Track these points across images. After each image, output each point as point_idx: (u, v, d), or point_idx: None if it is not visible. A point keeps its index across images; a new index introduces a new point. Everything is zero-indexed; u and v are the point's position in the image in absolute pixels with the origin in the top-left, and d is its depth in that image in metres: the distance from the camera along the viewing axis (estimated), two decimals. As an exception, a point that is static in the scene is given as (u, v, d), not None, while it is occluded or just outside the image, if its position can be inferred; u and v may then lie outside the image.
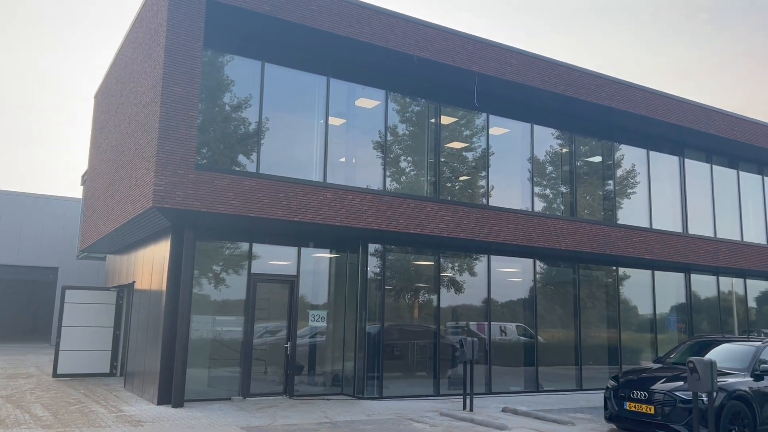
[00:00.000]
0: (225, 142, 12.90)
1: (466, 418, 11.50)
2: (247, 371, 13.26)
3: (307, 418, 11.16)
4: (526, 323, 16.41)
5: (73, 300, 17.16)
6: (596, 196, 17.88)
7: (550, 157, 17.15)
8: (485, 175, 15.75)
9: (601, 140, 18.03)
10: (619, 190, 18.13)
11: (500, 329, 16.06)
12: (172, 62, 11.43)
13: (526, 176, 16.49)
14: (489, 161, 15.83)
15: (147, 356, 13.46)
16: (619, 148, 18.30)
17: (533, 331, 16.27)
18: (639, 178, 18.60)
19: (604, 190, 17.92)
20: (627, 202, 18.15)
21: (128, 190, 12.97)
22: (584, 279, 17.47)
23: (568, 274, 17.27)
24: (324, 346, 14.49)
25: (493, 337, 15.68)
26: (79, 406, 11.97)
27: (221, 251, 13.63)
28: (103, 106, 17.81)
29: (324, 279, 14.79)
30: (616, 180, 18.10)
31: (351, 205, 13.16)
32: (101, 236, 15.81)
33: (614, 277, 17.88)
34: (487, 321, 15.66)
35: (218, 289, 13.52)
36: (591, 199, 17.80)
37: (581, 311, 17.10)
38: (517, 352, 16.19)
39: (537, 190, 16.56)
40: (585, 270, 17.50)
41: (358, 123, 14.58)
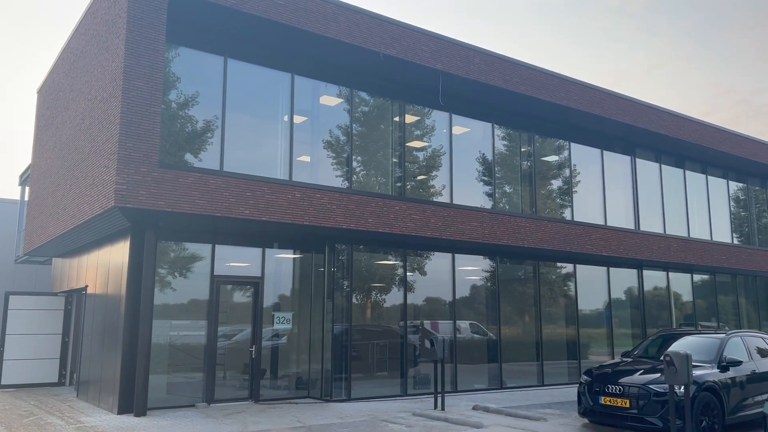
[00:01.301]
0: (184, 139, 12.40)
1: (440, 418, 11.44)
2: (211, 377, 12.80)
3: (279, 423, 10.85)
4: (489, 321, 16.53)
5: (18, 306, 16.20)
6: (555, 194, 18.19)
7: (510, 157, 17.35)
8: (448, 174, 15.76)
9: (558, 140, 18.36)
10: (576, 188, 18.50)
11: (455, 327, 16.11)
12: (133, 55, 10.89)
13: (488, 175, 16.61)
14: (452, 160, 15.85)
15: (103, 364, 12.81)
16: (575, 148, 18.68)
17: (485, 328, 16.40)
18: (594, 177, 19.05)
19: (562, 189, 18.26)
20: (584, 201, 18.54)
21: (84, 189, 12.30)
22: (544, 276, 17.76)
23: (528, 272, 17.51)
24: (288, 349, 14.17)
25: (450, 335, 15.71)
26: (32, 418, 11.26)
27: (182, 253, 13.11)
28: (49, 102, 16.88)
29: (289, 280, 14.47)
30: (573, 179, 18.46)
31: (319, 203, 12.91)
32: (50, 238, 14.96)
33: (573, 274, 18.23)
34: (453, 320, 15.68)
35: (178, 292, 12.99)
36: (550, 197, 18.10)
37: (542, 308, 17.37)
38: (479, 349, 16.28)
39: (498, 188, 16.71)
40: (545, 267, 17.79)
41: (323, 121, 14.34)
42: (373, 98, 15.01)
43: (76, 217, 12.71)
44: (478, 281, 16.58)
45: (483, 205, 16.24)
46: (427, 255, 15.59)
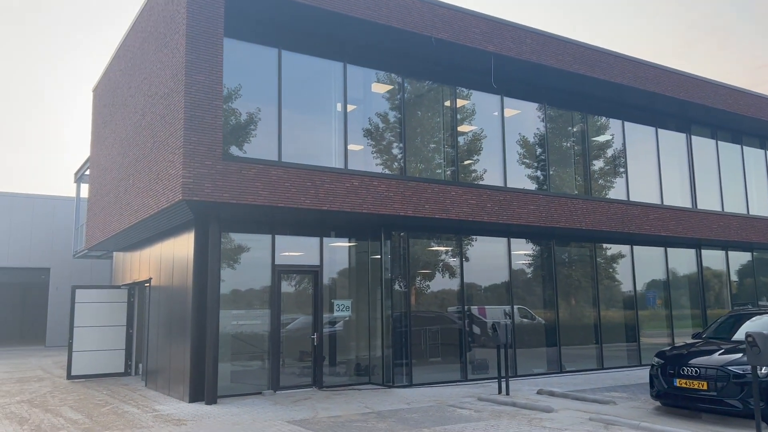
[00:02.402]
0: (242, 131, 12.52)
1: (507, 402, 11.41)
2: (276, 364, 13.02)
3: (347, 409, 10.97)
4: (546, 305, 16.37)
5: (84, 299, 16.71)
6: (609, 175, 17.84)
7: (562, 137, 17.07)
8: (501, 157, 15.59)
9: (611, 118, 17.97)
10: (631, 168, 18.09)
11: (504, 312, 15.98)
12: (193, 49, 11.04)
13: (540, 157, 16.38)
14: (505, 143, 15.67)
15: (171, 354, 13.14)
16: (629, 126, 18.25)
17: (533, 312, 16.22)
18: (649, 156, 18.60)
19: (616, 169, 17.89)
20: (639, 181, 18.13)
21: (149, 184, 12.57)
22: (601, 258, 17.47)
23: (585, 254, 17.25)
24: (346, 336, 14.29)
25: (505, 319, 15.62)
26: (109, 407, 11.64)
27: (244, 244, 13.31)
28: (106, 100, 17.26)
29: (347, 268, 14.58)
30: (628, 158, 18.06)
31: (377, 191, 12.92)
32: (113, 233, 15.37)
33: (630, 255, 17.89)
34: (511, 304, 15.58)
35: (240, 282, 13.20)
36: (604, 178, 17.75)
37: (599, 290, 17.11)
38: (534, 334, 16.14)
39: (551, 170, 16.46)
40: (602, 249, 17.50)
41: (375, 108, 14.30)
42: (424, 83, 14.91)
43: (141, 211, 13.01)
44: (533, 265, 16.41)
45: (536, 187, 16.03)
46: (482, 240, 15.48)
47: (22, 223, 31.90)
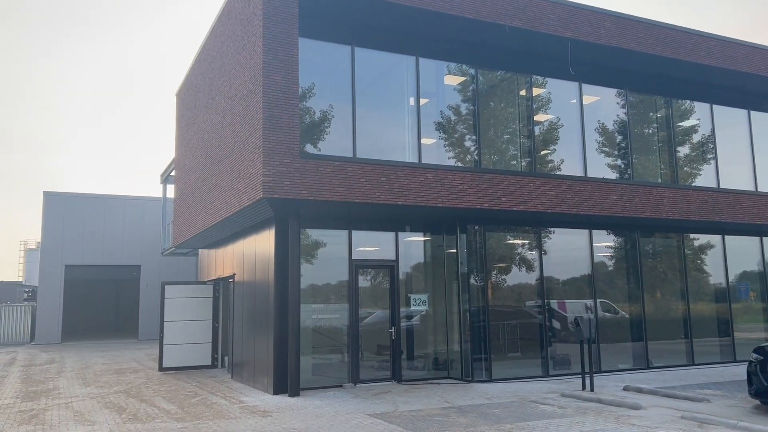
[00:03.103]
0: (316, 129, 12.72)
1: (592, 399, 11.08)
2: (356, 358, 13.19)
3: (427, 403, 10.98)
4: (631, 298, 15.76)
5: (173, 295, 17.51)
6: (696, 161, 16.95)
7: (645, 123, 16.35)
8: (580, 146, 15.11)
9: (698, 102, 17.05)
10: (720, 153, 17.11)
11: (585, 306, 15.46)
12: (270, 50, 11.31)
13: (622, 144, 15.76)
14: (584, 131, 15.18)
15: (255, 347, 13.56)
16: (717, 110, 17.26)
17: (616, 306, 15.60)
18: (740, 140, 17.54)
19: (704, 155, 16.97)
20: (729, 167, 17.13)
21: (231, 183, 13.01)
22: (689, 249, 16.64)
23: (672, 245, 16.49)
24: (422, 330, 14.28)
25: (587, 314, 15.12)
26: (198, 398, 12.16)
27: (321, 239, 13.54)
28: (188, 103, 17.99)
29: (422, 262, 14.57)
30: (717, 143, 17.09)
31: (451, 184, 12.83)
32: (198, 231, 16.02)
33: (722, 245, 16.95)
34: (594, 298, 15.11)
35: (318, 277, 13.44)
36: (690, 165, 16.88)
37: (688, 283, 16.30)
38: (618, 328, 15.57)
39: (634, 158, 15.81)
40: (690, 239, 16.66)
41: (448, 100, 14.18)
42: (497, 73, 14.66)
43: (224, 209, 13.48)
44: (615, 257, 15.83)
45: (618, 177, 15.45)
46: (561, 232, 15.08)
47: (114, 223, 33.82)
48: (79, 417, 10.32)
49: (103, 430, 9.21)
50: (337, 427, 9.02)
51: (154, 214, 33.80)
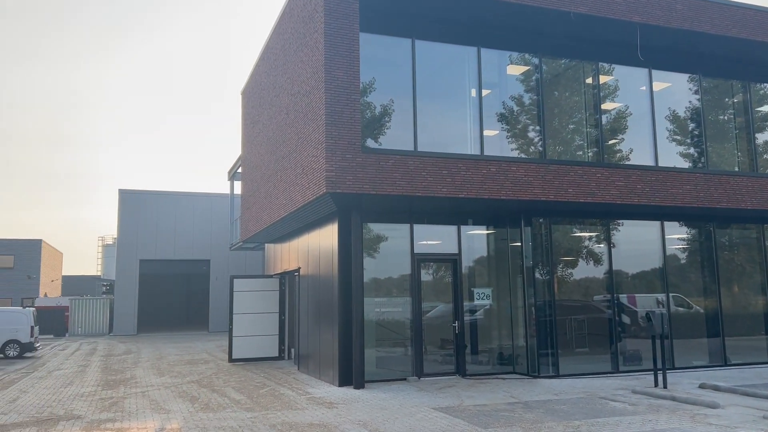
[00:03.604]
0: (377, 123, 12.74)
1: (666, 396, 10.68)
2: (419, 352, 13.20)
3: (493, 398, 10.87)
4: (706, 292, 15.07)
5: (241, 288, 18.01)
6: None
7: (720, 109, 15.56)
8: (650, 134, 14.53)
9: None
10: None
11: (657, 301, 14.87)
12: (331, 47, 11.42)
13: (695, 132, 15.06)
14: (654, 118, 14.59)
15: (321, 340, 13.78)
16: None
17: (689, 300, 14.91)
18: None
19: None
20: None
21: (295, 178, 13.24)
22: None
23: (750, 236, 15.66)
24: (486, 325, 14.12)
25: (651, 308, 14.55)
26: (267, 389, 12.47)
27: (383, 233, 13.60)
28: (253, 101, 18.41)
29: (485, 256, 14.40)
30: (801, 128, 16.08)
31: (515, 177, 12.61)
32: (264, 226, 16.39)
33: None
34: (666, 292, 14.54)
35: (380, 271, 13.50)
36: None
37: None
38: (691, 323, 14.92)
39: (708, 145, 15.08)
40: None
41: (510, 91, 13.92)
42: (561, 61, 14.28)
43: (289, 205, 13.74)
44: (689, 250, 15.18)
45: (691, 165, 14.78)
46: (630, 224, 14.58)
47: (185, 219, 35.09)
48: (155, 405, 10.77)
49: (177, 418, 9.58)
50: (402, 420, 9.06)
51: (222, 210, 34.86)
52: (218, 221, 35.24)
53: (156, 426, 8.97)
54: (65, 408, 10.57)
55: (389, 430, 8.42)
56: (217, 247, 35.01)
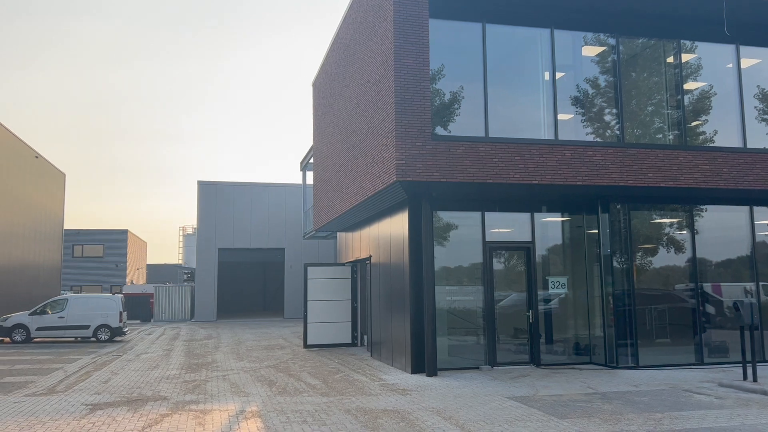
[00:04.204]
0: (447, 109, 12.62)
1: (756, 390, 10.13)
2: (492, 340, 13.08)
3: (569, 388, 10.64)
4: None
5: (315, 276, 18.37)
6: None
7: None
8: (738, 114, 13.71)
9: None
10: None
11: (744, 290, 14.03)
12: (401, 35, 11.39)
13: (790, 111, 14.07)
14: (742, 97, 13.75)
15: (393, 327, 13.88)
16: None
17: None
18: None
19: None
20: None
21: (365, 168, 13.34)
22: None
23: None
24: (561, 314, 13.80)
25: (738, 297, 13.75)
26: (341, 375, 12.71)
27: (454, 221, 13.51)
28: (324, 92, 18.65)
29: (559, 244, 14.05)
30: None
31: (591, 161, 12.22)
32: (336, 215, 16.62)
33: None
34: (756, 281, 13.76)
35: (451, 259, 13.42)
36: None
37: None
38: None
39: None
40: None
41: (586, 73, 13.45)
42: (639, 41, 13.66)
43: (360, 194, 13.87)
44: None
45: (785, 146, 13.85)
46: (715, 209, 13.84)
47: (260, 209, 36.13)
48: (235, 389, 11.19)
49: (256, 401, 9.92)
50: (475, 409, 9.02)
51: (295, 200, 35.66)
52: (292, 211, 36.08)
53: (236, 408, 9.33)
54: (152, 389, 11.14)
55: (463, 418, 8.41)
56: (291, 235, 35.88)
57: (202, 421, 8.45)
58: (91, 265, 50.48)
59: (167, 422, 8.36)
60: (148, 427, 8.10)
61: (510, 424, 8.07)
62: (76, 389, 11.20)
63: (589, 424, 8.00)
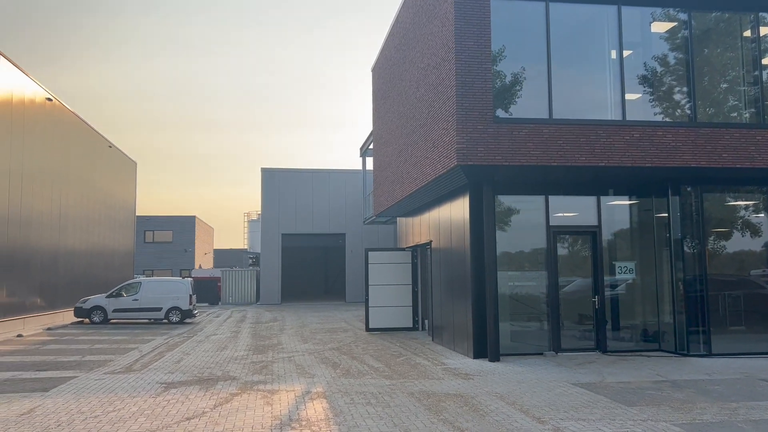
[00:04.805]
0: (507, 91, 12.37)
1: (841, 381, 9.60)
2: (556, 326, 12.87)
3: (637, 375, 10.38)
4: None
5: (376, 261, 18.53)
6: None
7: None
8: (823, 90, 12.88)
9: None
10: None
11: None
12: (462, 16, 11.25)
13: None
14: (828, 72, 12.89)
15: (454, 312, 13.86)
16: None
17: None
18: None
19: None
20: None
21: (426, 152, 13.31)
22: None
23: None
24: (629, 300, 13.42)
25: None
26: (403, 358, 12.82)
27: (516, 206, 13.31)
28: (383, 77, 18.65)
29: (626, 228, 13.64)
30: None
31: (662, 142, 11.78)
32: (396, 201, 16.68)
33: None
34: (841, 265, 12.97)
35: (513, 244, 13.24)
36: None
37: None
38: None
39: None
40: None
41: (654, 50, 12.92)
42: (711, 15, 13.00)
43: (420, 179, 13.85)
44: None
45: None
46: (797, 190, 13.11)
47: (321, 195, 36.65)
48: (300, 370, 11.48)
49: (321, 382, 10.15)
50: (540, 395, 8.93)
51: (355, 186, 35.95)
52: (352, 196, 36.42)
53: (302, 389, 9.57)
54: (222, 369, 11.56)
55: (528, 404, 8.35)
56: (352, 221, 36.24)
57: (270, 400, 8.72)
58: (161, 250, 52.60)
59: (237, 401, 8.67)
60: (219, 405, 8.42)
61: (576, 410, 7.96)
62: (151, 368, 11.75)
63: (659, 412, 7.80)
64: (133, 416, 7.79)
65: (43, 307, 22.52)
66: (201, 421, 7.52)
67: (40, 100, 22.58)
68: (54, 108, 23.84)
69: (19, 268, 20.49)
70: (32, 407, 8.32)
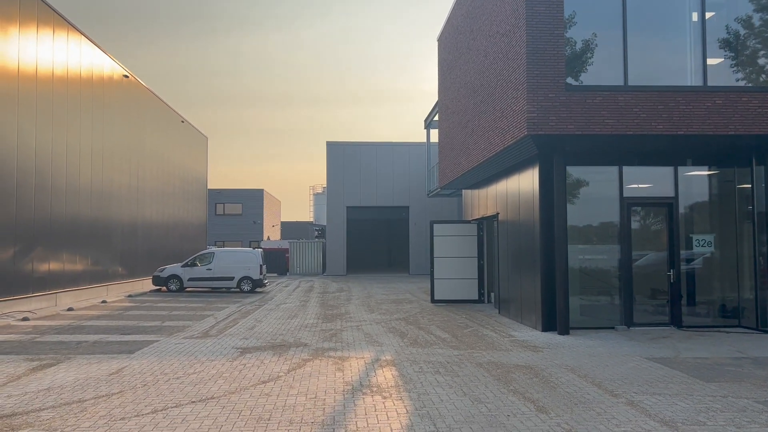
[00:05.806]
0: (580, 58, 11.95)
1: None
2: (629, 300, 12.55)
3: (715, 351, 10.02)
4: None
5: (441, 233, 18.52)
6: None
7: None
8: None
9: None
10: None
11: None
12: (532, -19, 10.88)
13: None
14: None
15: (522, 285, 13.72)
16: None
17: None
18: None
19: None
20: None
21: (493, 122, 13.09)
22: None
23: None
24: (706, 274, 12.89)
25: None
26: (469, 329, 12.83)
27: (587, 177, 12.95)
28: (450, 47, 18.37)
29: (705, 200, 13.05)
30: None
31: (747, 108, 11.14)
32: (462, 172, 16.53)
33: None
34: None
35: (585, 216, 12.91)
36: None
37: None
38: None
39: None
40: None
41: (739, 11, 12.13)
42: (810, -30, 12.06)
43: (488, 149, 13.66)
44: None
45: None
46: None
47: (385, 167, 36.74)
48: (368, 338, 11.69)
49: (389, 351, 10.31)
50: (612, 368, 8.78)
51: (418, 158, 35.84)
52: (415, 169, 36.36)
53: (372, 357, 9.75)
54: (294, 336, 11.92)
55: (600, 377, 8.22)
56: (415, 193, 36.24)
57: (341, 366, 8.94)
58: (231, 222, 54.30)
59: (309, 366, 8.94)
60: (293, 370, 8.70)
61: (650, 384, 7.78)
62: (227, 334, 12.24)
63: (740, 389, 7.52)
64: (213, 378, 8.16)
65: (124, 275, 23.75)
66: (276, 385, 7.80)
67: (118, 77, 23.51)
68: (130, 84, 24.78)
69: (102, 238, 21.65)
70: (120, 367, 8.85)
